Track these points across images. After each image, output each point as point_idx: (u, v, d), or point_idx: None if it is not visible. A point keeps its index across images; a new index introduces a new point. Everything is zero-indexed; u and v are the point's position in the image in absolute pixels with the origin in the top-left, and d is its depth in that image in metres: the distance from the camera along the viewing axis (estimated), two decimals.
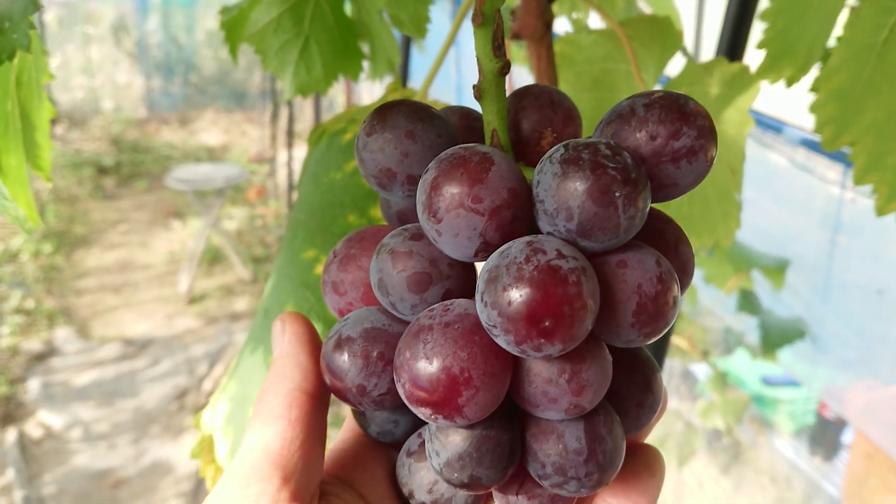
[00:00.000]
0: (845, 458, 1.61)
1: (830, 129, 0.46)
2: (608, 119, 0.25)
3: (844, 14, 0.45)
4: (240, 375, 0.41)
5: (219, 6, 0.50)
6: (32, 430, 2.30)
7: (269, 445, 0.24)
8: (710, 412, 1.41)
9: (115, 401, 2.48)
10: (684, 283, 0.27)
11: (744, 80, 0.53)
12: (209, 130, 5.65)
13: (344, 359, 0.25)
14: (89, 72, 5.69)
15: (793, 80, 0.49)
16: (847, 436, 1.65)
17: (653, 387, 0.27)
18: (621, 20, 0.57)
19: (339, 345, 0.25)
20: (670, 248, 0.26)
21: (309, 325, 0.28)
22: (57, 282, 3.26)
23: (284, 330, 0.28)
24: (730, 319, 1.63)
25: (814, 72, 0.48)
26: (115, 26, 5.83)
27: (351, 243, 0.27)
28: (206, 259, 3.50)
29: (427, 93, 0.46)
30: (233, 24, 0.50)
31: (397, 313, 0.25)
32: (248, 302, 3.18)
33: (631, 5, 0.87)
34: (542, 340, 0.21)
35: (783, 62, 0.49)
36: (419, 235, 0.24)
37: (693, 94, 0.37)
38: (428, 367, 0.22)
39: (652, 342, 0.24)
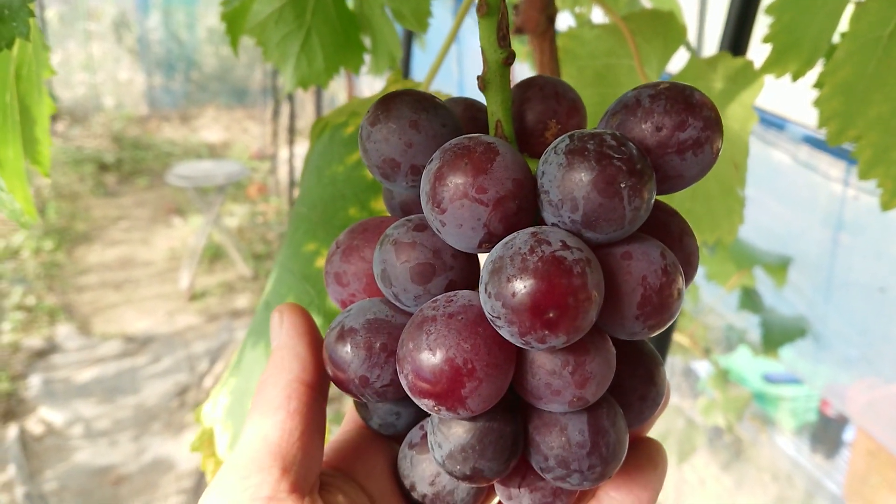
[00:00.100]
0: (847, 456, 1.61)
1: (835, 124, 0.46)
2: (613, 110, 0.25)
3: (850, 8, 0.45)
4: (241, 369, 0.40)
5: (219, 3, 0.50)
6: (33, 427, 2.31)
7: (269, 436, 0.24)
8: (712, 409, 1.41)
9: (116, 397, 2.48)
10: (689, 276, 0.26)
11: (748, 75, 0.53)
12: (210, 127, 5.65)
13: (346, 350, 0.24)
14: (90, 68, 5.69)
15: (798, 75, 0.48)
16: (849, 433, 1.65)
17: (656, 380, 0.26)
18: (624, 15, 0.56)
19: (342, 336, 0.25)
20: (675, 241, 0.26)
21: (307, 317, 0.28)
22: (58, 278, 3.26)
23: (282, 321, 0.28)
24: (731, 317, 1.63)
25: (817, 67, 0.48)
26: (117, 23, 5.82)
27: (354, 234, 0.27)
28: (208, 256, 3.50)
29: (429, 88, 0.46)
30: (234, 16, 0.50)
31: (400, 304, 0.25)
32: (250, 299, 3.18)
33: (634, 0, 0.86)
34: (547, 332, 0.20)
35: (789, 56, 0.48)
36: (423, 226, 0.24)
37: None
38: (431, 359, 0.21)
39: (654, 336, 0.24)
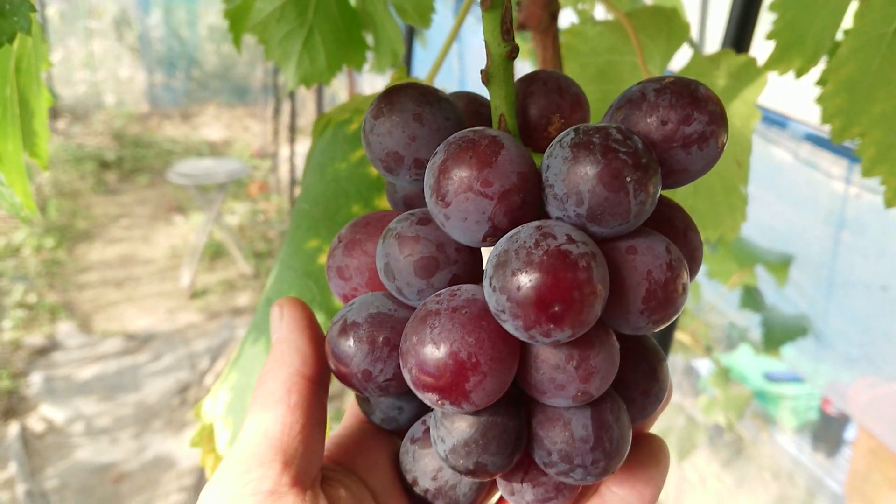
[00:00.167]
0: (848, 455, 1.61)
1: (839, 121, 0.46)
2: (618, 104, 0.25)
3: (854, 5, 0.45)
4: (241, 365, 0.40)
5: (222, 0, 0.50)
6: (35, 425, 2.31)
7: (269, 430, 0.24)
8: (713, 407, 1.41)
9: (117, 395, 2.48)
10: (693, 271, 0.26)
11: (751, 72, 0.52)
12: (211, 125, 5.64)
13: (349, 344, 0.24)
14: (91, 66, 5.69)
15: (802, 72, 0.48)
16: (850, 432, 1.64)
17: (659, 375, 0.26)
18: (627, 11, 0.56)
19: (345, 330, 0.25)
20: (679, 235, 0.26)
21: (307, 310, 0.28)
22: (59, 276, 3.26)
23: (283, 315, 0.28)
24: (733, 315, 1.63)
25: (820, 64, 0.48)
26: (118, 21, 5.82)
27: (356, 228, 0.27)
28: (208, 254, 3.50)
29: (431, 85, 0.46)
30: (237, 13, 0.50)
31: (403, 298, 0.24)
32: (250, 297, 3.18)
33: None
34: (552, 326, 0.20)
35: (792, 53, 0.48)
36: (426, 220, 0.24)
37: None
38: (435, 353, 0.21)
39: (656, 333, 0.24)
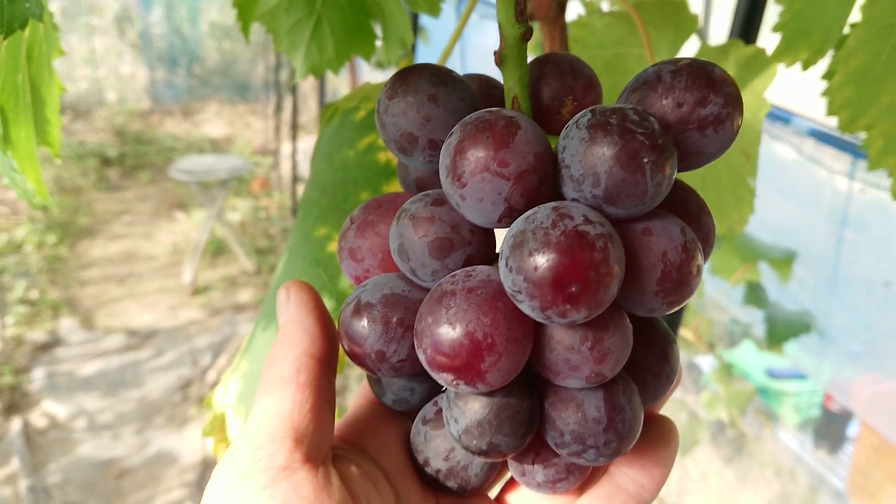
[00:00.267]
0: (850, 451, 1.61)
1: (847, 112, 0.46)
2: (633, 86, 0.25)
3: None
4: (252, 353, 0.40)
5: None
6: (37, 420, 2.31)
7: (280, 409, 0.24)
8: (715, 403, 1.41)
9: (120, 391, 2.48)
10: (706, 253, 0.26)
11: (759, 63, 0.52)
12: (213, 122, 5.64)
13: (363, 324, 0.24)
14: (93, 63, 5.68)
15: (809, 64, 0.48)
16: (852, 428, 1.64)
17: (670, 358, 0.26)
18: (635, 2, 0.56)
19: (359, 310, 0.25)
20: (693, 218, 0.26)
21: (314, 292, 0.28)
22: (61, 272, 3.26)
23: (290, 297, 0.28)
24: (736, 311, 1.63)
25: (825, 57, 0.47)
26: (119, 17, 5.81)
27: (368, 210, 0.27)
28: (210, 250, 3.50)
29: None
30: (245, 3, 0.50)
31: (417, 279, 0.24)
32: (252, 293, 3.18)
33: None
34: (568, 306, 0.20)
35: (799, 45, 0.48)
36: (440, 201, 0.24)
37: None
38: (451, 333, 0.21)
39: (664, 319, 0.24)
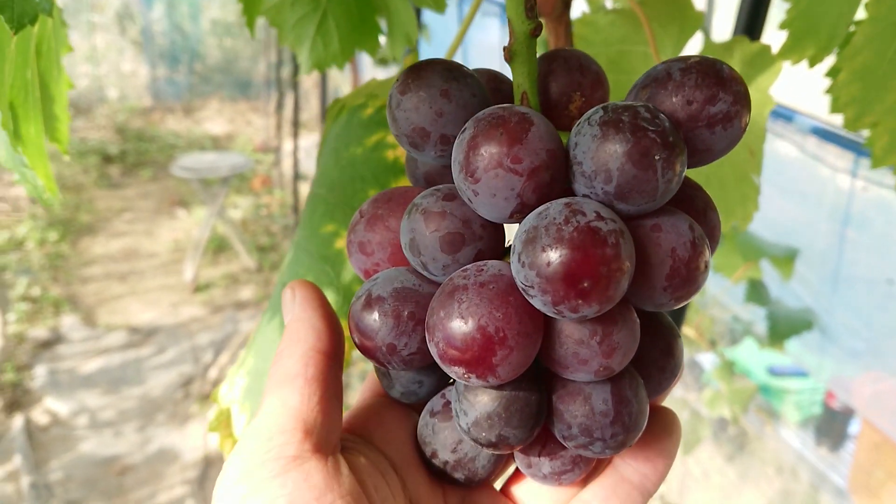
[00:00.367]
0: (852, 449, 1.61)
1: (853, 110, 0.46)
2: (643, 83, 0.25)
3: None
4: (257, 349, 0.40)
5: None
6: (39, 417, 2.31)
7: (289, 401, 0.25)
8: (717, 401, 1.41)
9: (121, 388, 2.49)
10: (712, 249, 0.27)
11: (765, 60, 0.52)
12: (214, 119, 5.64)
13: (374, 318, 0.24)
14: (94, 60, 5.68)
15: (815, 61, 0.48)
16: (854, 426, 1.65)
17: (674, 352, 0.27)
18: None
19: (370, 304, 0.25)
20: (700, 214, 0.26)
21: (318, 290, 0.29)
22: (63, 269, 3.26)
23: (295, 296, 0.28)
24: (737, 309, 1.63)
25: (831, 56, 0.47)
26: (120, 14, 5.81)
27: (378, 204, 0.27)
28: (211, 248, 3.50)
29: None
30: None
31: (428, 274, 0.25)
32: (253, 291, 3.19)
33: None
34: (580, 301, 0.21)
35: (806, 42, 0.48)
36: (452, 196, 0.24)
37: None
38: (463, 327, 0.21)
39: (670, 314, 0.24)
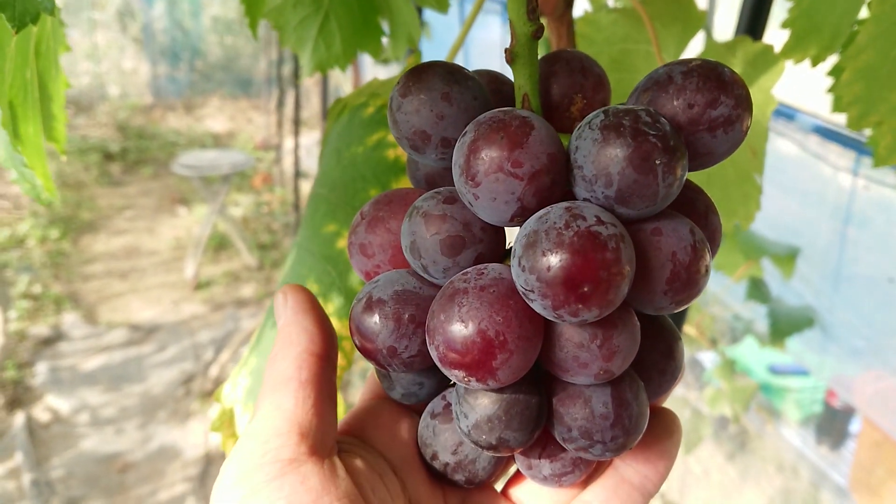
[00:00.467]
0: (852, 448, 1.61)
1: (856, 109, 0.46)
2: (644, 86, 0.25)
3: None
4: (260, 349, 0.40)
5: None
6: (40, 415, 2.32)
7: (283, 405, 0.25)
8: (718, 400, 1.41)
9: (122, 386, 2.49)
10: (713, 252, 0.27)
11: (767, 60, 0.52)
12: (215, 117, 5.64)
13: (375, 320, 0.25)
14: (95, 58, 5.68)
15: (818, 60, 0.48)
16: (855, 425, 1.65)
17: (675, 355, 0.27)
18: None
19: (370, 306, 0.25)
20: (701, 218, 0.26)
21: (310, 294, 0.29)
22: (64, 267, 3.26)
23: (287, 300, 0.28)
24: (738, 307, 1.63)
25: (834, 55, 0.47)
26: (121, 12, 5.80)
27: (379, 206, 0.27)
28: (212, 245, 3.50)
29: None
30: None
31: (429, 276, 0.25)
32: (254, 288, 3.19)
33: None
34: (580, 306, 0.21)
35: (808, 41, 0.48)
36: (452, 199, 0.24)
37: None
38: (463, 330, 0.21)
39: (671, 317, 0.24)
